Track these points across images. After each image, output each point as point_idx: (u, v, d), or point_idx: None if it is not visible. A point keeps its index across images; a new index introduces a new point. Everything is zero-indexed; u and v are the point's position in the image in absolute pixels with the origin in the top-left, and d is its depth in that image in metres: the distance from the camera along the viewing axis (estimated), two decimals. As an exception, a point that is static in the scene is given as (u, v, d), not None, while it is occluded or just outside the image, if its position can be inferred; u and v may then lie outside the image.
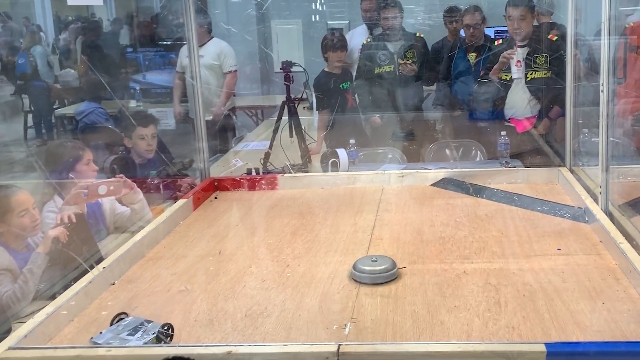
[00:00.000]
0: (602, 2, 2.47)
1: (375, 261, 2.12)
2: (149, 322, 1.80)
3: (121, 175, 2.86)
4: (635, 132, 3.63)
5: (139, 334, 1.75)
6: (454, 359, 1.58)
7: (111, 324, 1.81)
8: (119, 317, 1.84)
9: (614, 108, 2.60)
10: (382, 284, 2.05)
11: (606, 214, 2.48)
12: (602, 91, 2.51)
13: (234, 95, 5.79)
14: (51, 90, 8.18)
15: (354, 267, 2.12)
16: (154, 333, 1.73)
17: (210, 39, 5.38)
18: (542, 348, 1.55)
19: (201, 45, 5.18)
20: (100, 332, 1.78)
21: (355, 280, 2.08)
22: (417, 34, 4.85)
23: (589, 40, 3.65)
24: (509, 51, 4.14)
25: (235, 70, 5.41)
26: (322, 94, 4.47)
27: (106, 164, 3.46)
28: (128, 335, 1.75)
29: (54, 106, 8.64)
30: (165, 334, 1.74)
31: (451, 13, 5.07)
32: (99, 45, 7.09)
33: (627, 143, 3.56)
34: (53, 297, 1.99)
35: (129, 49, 6.55)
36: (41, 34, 9.64)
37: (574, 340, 1.68)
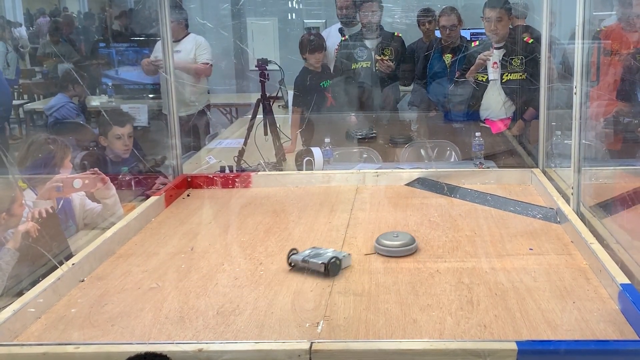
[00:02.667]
0: (577, 7, 2.50)
1: (397, 236, 2.31)
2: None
3: (95, 169, 2.81)
4: (607, 134, 3.67)
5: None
6: (426, 356, 1.58)
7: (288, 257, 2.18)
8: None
9: (586, 110, 2.63)
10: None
11: (577, 215, 2.51)
12: (575, 94, 2.54)
13: (208, 92, 5.73)
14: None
15: (377, 241, 2.30)
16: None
17: (187, 34, 5.32)
18: (513, 346, 1.56)
19: (178, 40, 5.13)
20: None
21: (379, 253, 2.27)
22: (396, 34, 4.85)
23: (563, 43, 3.69)
24: (486, 53, 4.17)
25: (210, 65, 5.34)
26: (301, 92, 4.45)
27: (77, 159, 3.40)
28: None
29: (24, 101, 8.52)
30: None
31: (425, 14, 5.09)
32: (72, 39, 6.99)
33: (599, 145, 3.60)
34: (20, 294, 1.95)
35: (102, 44, 6.45)
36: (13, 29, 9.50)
37: (545, 338, 1.69)
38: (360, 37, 4.75)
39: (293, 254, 2.19)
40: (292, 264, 2.17)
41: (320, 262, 2.10)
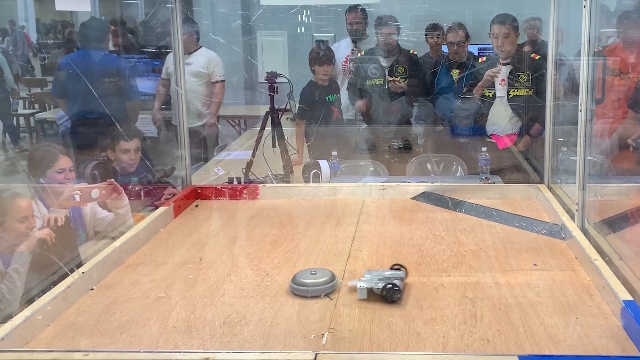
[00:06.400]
0: (582, 24, 2.53)
1: (315, 274, 2.12)
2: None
3: (111, 180, 2.85)
4: (612, 151, 3.69)
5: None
6: (429, 369, 1.61)
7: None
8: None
9: (592, 127, 2.65)
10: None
11: (582, 231, 2.52)
12: (580, 111, 2.57)
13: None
14: (12, 95, 8.24)
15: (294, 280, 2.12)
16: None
17: (199, 47, 5.39)
18: (516, 360, 1.58)
19: (190, 53, 5.20)
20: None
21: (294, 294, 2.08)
22: (411, 51, 4.90)
23: (570, 60, 3.71)
24: (494, 70, 4.20)
25: (224, 80, 5.42)
26: (307, 105, 4.49)
27: (87, 169, 3.44)
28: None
29: (35, 110, 8.62)
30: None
31: (433, 30, 5.14)
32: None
33: (605, 161, 3.62)
34: (31, 301, 1.98)
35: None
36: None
37: (547, 353, 1.71)
38: (376, 54, 4.80)
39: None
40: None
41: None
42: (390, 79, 4.71)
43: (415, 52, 4.93)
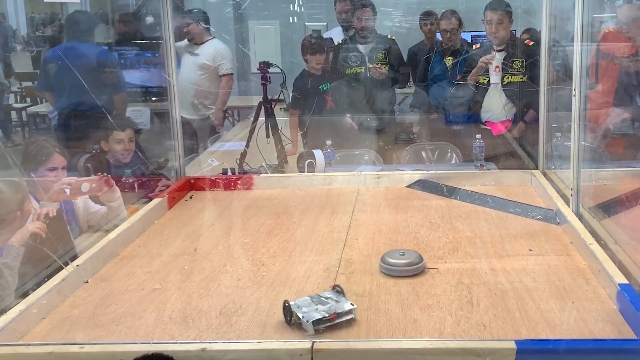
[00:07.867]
0: (575, 10, 2.53)
1: (403, 254, 2.20)
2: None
3: (104, 174, 2.83)
4: (606, 136, 3.68)
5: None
6: (426, 355, 1.60)
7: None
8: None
9: (585, 113, 2.65)
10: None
11: (577, 216, 2.52)
12: (574, 96, 2.56)
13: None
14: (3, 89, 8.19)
15: (382, 260, 2.19)
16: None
17: (210, 38, 5.30)
18: (512, 345, 1.58)
19: (199, 43, 5.15)
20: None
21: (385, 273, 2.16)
22: (389, 36, 4.87)
23: (563, 45, 3.70)
24: (488, 56, 4.18)
25: (231, 74, 5.35)
26: (300, 94, 4.47)
27: (80, 162, 3.42)
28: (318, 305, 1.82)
29: (26, 104, 8.57)
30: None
31: (427, 17, 5.11)
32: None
33: (598, 146, 3.61)
34: (26, 294, 1.97)
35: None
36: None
37: (544, 338, 1.71)
38: (354, 41, 4.76)
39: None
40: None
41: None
42: (371, 65, 4.68)
43: (393, 37, 4.89)
